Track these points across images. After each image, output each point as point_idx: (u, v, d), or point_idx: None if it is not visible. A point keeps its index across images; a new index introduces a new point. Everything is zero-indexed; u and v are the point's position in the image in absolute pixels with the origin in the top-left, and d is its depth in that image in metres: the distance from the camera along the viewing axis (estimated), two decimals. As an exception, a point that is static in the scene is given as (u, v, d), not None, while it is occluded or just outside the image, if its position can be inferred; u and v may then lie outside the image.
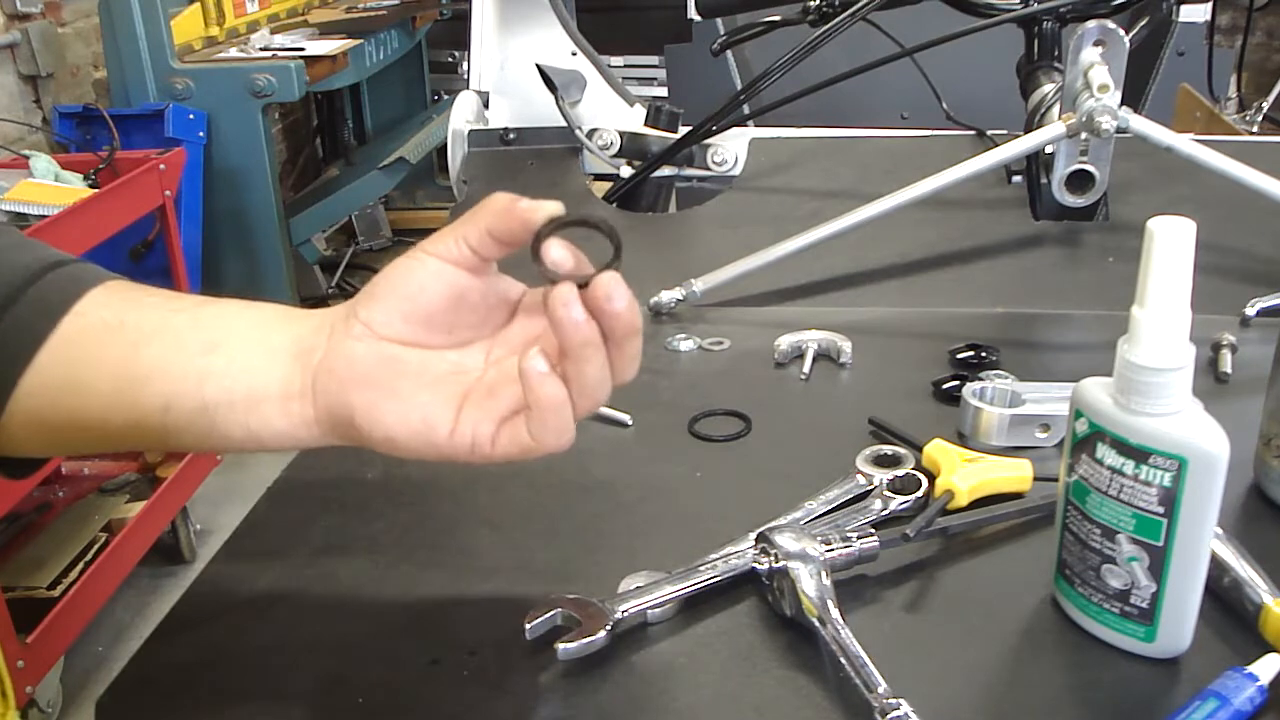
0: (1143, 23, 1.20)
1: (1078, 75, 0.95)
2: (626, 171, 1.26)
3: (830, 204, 1.10)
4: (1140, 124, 0.96)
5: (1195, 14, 1.70)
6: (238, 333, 0.53)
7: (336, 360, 0.51)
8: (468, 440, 0.51)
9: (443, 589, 0.64)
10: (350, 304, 0.53)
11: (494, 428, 0.51)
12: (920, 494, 0.68)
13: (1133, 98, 1.50)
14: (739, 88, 1.47)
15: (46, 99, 2.84)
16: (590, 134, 1.27)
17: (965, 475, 0.68)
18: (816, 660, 0.56)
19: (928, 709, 0.50)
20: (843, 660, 0.54)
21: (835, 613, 0.56)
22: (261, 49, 3.21)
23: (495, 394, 0.52)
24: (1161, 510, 0.53)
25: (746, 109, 1.29)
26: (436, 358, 0.52)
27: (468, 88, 1.36)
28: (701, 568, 0.61)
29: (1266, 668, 0.52)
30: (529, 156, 1.28)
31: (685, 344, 0.93)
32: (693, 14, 1.92)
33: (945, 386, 0.83)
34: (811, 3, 1.20)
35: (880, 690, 0.51)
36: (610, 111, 1.32)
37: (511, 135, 1.29)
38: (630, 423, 0.81)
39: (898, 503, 0.68)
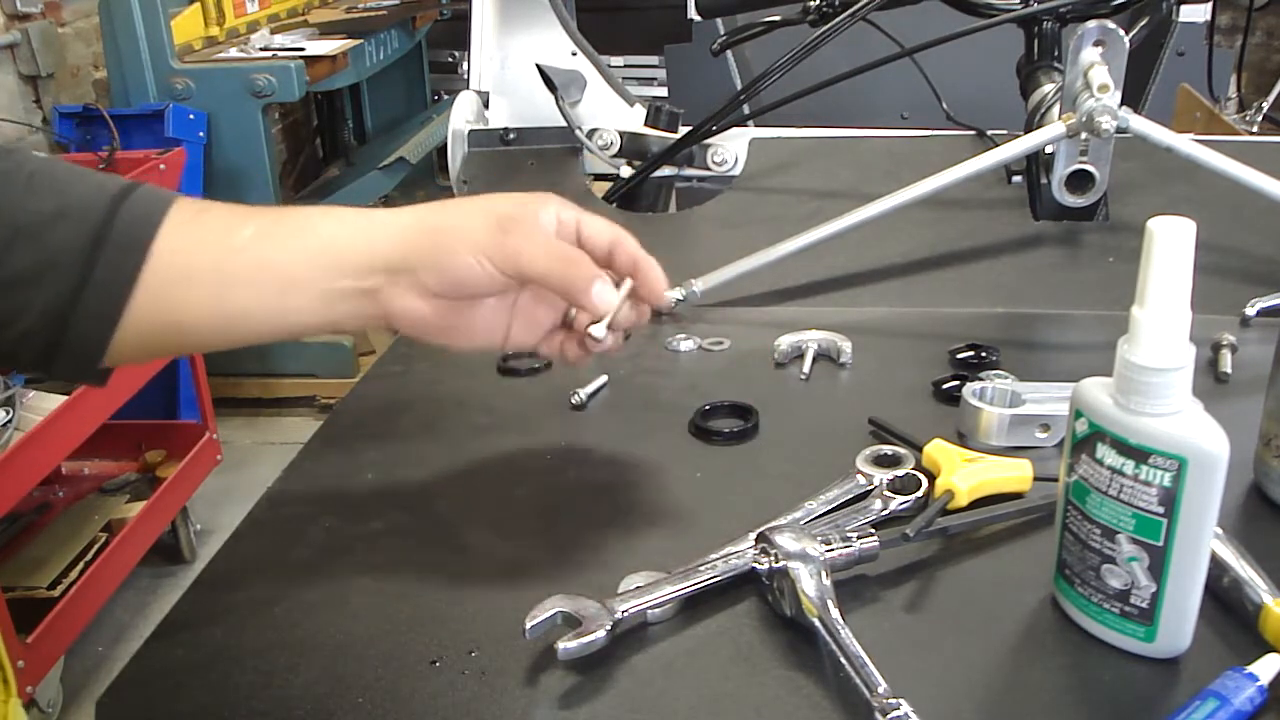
0: (1143, 23, 1.20)
1: (1078, 75, 0.95)
2: (626, 171, 1.26)
3: (830, 204, 1.10)
4: (1140, 124, 0.96)
5: (1195, 14, 1.71)
6: (302, 273, 0.60)
7: (405, 314, 0.62)
8: (516, 344, 0.67)
9: (443, 589, 0.64)
10: (409, 254, 0.61)
11: (538, 340, 0.68)
12: (920, 494, 0.68)
13: (1133, 98, 1.50)
14: (739, 88, 1.47)
15: (46, 99, 2.84)
16: (590, 134, 1.27)
17: (965, 475, 0.68)
18: (816, 660, 0.56)
19: (928, 709, 0.50)
20: (843, 660, 0.54)
21: (835, 613, 0.56)
22: (261, 49, 3.21)
23: (537, 320, 0.68)
24: (1161, 510, 0.53)
25: (746, 109, 1.29)
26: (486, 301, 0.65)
27: (468, 88, 1.36)
28: (701, 568, 0.61)
29: (1266, 668, 0.52)
30: (529, 156, 1.28)
31: (685, 344, 0.93)
32: (693, 14, 1.92)
33: (945, 386, 0.83)
34: (811, 3, 1.20)
35: (880, 690, 0.51)
36: (610, 111, 1.32)
37: (511, 135, 1.29)
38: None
39: (898, 503, 0.68)
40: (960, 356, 0.88)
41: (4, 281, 0.56)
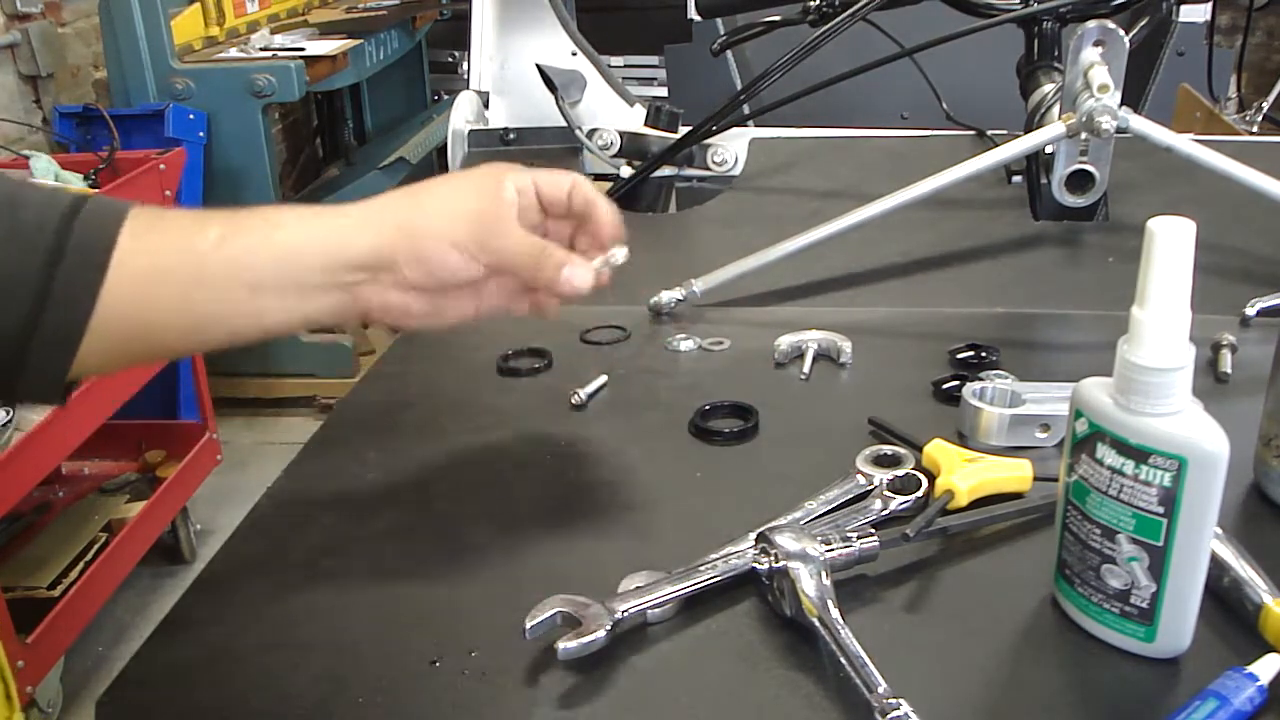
0: (1143, 23, 1.20)
1: (1078, 75, 0.95)
2: (626, 171, 1.26)
3: (830, 204, 1.10)
4: (1140, 124, 0.96)
5: (1195, 14, 1.71)
6: (274, 271, 0.60)
7: (386, 309, 0.63)
8: (489, 311, 0.68)
9: (443, 589, 0.64)
10: (390, 252, 0.62)
11: (509, 303, 0.69)
12: (920, 494, 0.68)
13: (1133, 98, 1.50)
14: (739, 88, 1.47)
15: (46, 99, 2.84)
16: (590, 134, 1.27)
17: (965, 475, 0.68)
18: (816, 660, 0.56)
19: (928, 709, 0.50)
20: (843, 660, 0.54)
21: (835, 613, 0.56)
22: (261, 49, 3.21)
23: (505, 285, 0.68)
24: (1161, 510, 0.53)
25: (746, 109, 1.29)
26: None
27: (468, 88, 1.36)
28: (701, 568, 0.61)
29: (1266, 668, 0.52)
30: (529, 156, 1.28)
31: (685, 344, 0.93)
32: (693, 14, 1.92)
33: (945, 386, 0.83)
34: (811, 3, 1.20)
35: (880, 690, 0.51)
36: (610, 111, 1.32)
37: (511, 135, 1.29)
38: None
39: (898, 503, 0.68)
40: (960, 356, 0.88)
41: None
